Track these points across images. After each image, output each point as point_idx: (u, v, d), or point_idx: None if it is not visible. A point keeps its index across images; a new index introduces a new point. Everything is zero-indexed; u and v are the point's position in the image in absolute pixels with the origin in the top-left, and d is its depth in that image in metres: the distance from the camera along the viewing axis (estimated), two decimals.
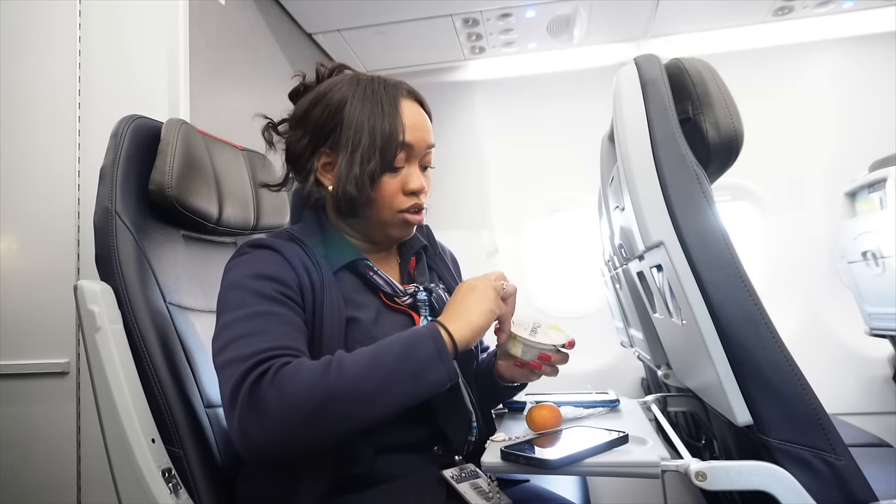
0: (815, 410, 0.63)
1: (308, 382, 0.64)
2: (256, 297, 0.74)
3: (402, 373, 0.67)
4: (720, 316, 0.66)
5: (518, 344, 0.82)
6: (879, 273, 1.63)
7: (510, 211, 2.49)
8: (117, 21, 1.32)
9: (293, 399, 0.64)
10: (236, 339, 0.70)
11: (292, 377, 0.65)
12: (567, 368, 0.88)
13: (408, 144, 0.82)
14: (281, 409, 0.63)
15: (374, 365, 0.67)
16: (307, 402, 0.64)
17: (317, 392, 0.64)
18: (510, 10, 1.94)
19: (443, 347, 0.69)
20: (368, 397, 0.66)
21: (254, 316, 0.72)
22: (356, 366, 0.67)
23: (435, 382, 0.69)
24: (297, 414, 0.64)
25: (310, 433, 0.65)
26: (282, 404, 0.63)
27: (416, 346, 0.69)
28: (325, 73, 0.91)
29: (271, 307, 0.73)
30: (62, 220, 1.30)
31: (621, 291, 1.38)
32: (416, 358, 0.68)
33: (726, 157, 0.74)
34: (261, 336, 0.69)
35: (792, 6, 1.99)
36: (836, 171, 2.09)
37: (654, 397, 1.13)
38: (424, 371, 0.68)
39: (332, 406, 0.64)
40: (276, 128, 0.92)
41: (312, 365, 0.67)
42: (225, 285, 0.78)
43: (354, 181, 0.80)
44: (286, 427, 0.64)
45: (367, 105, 0.81)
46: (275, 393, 0.64)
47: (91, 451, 1.25)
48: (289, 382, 0.64)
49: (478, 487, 0.78)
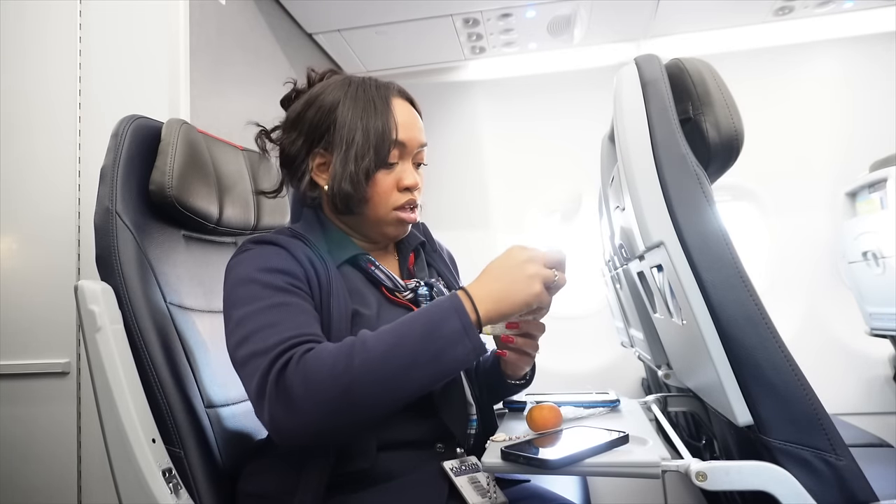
0: (816, 410, 0.63)
1: (332, 368, 0.64)
2: (269, 289, 0.74)
3: (427, 352, 0.65)
4: (720, 316, 0.66)
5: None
6: (880, 273, 1.63)
7: (510, 210, 2.49)
8: (117, 21, 1.32)
9: (319, 386, 0.63)
10: (255, 332, 0.69)
11: (316, 364, 0.64)
12: (567, 368, 0.88)
13: (400, 142, 0.83)
14: (308, 398, 0.63)
15: (398, 344, 0.66)
16: (333, 388, 0.63)
17: (341, 377, 0.63)
18: (510, 10, 1.94)
19: (468, 323, 0.67)
20: (393, 379, 0.65)
21: (269, 308, 0.72)
22: (379, 347, 0.65)
23: (461, 360, 0.67)
24: (324, 401, 0.63)
25: (339, 418, 0.65)
26: (308, 393, 0.63)
27: (440, 323, 0.66)
28: (316, 77, 0.92)
29: (285, 298, 0.73)
30: (62, 220, 1.30)
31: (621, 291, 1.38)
32: (441, 335, 0.66)
33: (727, 158, 0.74)
34: (280, 326, 0.69)
35: (792, 6, 1.99)
36: (836, 171, 2.09)
37: (655, 397, 1.13)
38: (449, 348, 0.66)
39: (358, 390, 0.63)
40: (269, 135, 0.92)
41: (335, 349, 0.66)
42: (232, 281, 0.77)
43: (349, 178, 0.81)
44: (315, 414, 0.64)
45: (359, 104, 0.83)
46: (300, 381, 0.63)
47: (91, 451, 1.25)
48: (313, 369, 0.64)
49: (476, 482, 0.78)
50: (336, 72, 0.93)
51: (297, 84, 0.93)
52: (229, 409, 0.97)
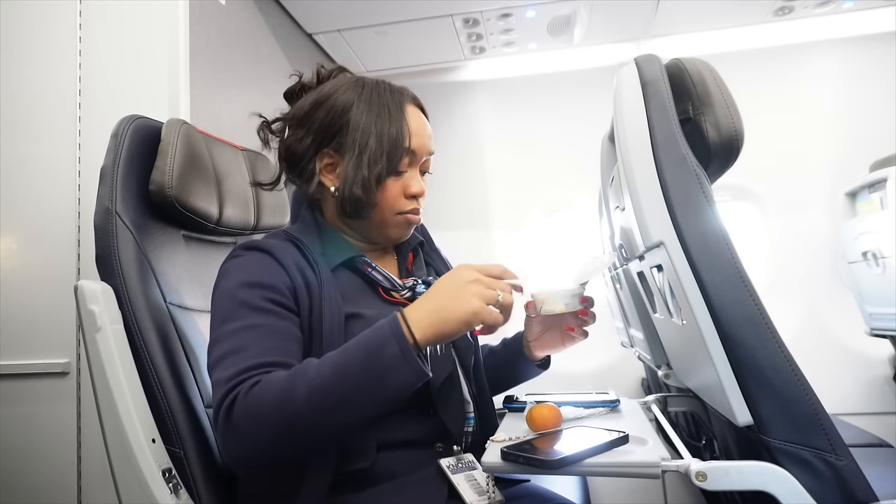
0: (816, 410, 0.63)
1: (276, 401, 0.66)
2: (245, 308, 0.74)
3: (367, 380, 0.66)
4: (720, 316, 0.66)
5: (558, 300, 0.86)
6: (880, 273, 1.63)
7: (510, 211, 2.49)
8: (117, 21, 1.32)
9: (261, 420, 0.66)
10: (223, 357, 0.71)
11: (260, 398, 0.66)
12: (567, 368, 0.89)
13: (412, 150, 0.84)
14: (253, 433, 0.66)
15: (338, 374, 0.66)
16: (276, 421, 0.66)
17: (284, 410, 0.65)
18: (510, 10, 1.94)
19: (407, 348, 0.66)
20: (334, 409, 0.66)
21: (240, 330, 0.73)
22: (320, 377, 0.66)
23: (402, 384, 0.67)
24: (269, 434, 0.66)
25: (283, 448, 0.68)
26: (253, 427, 0.66)
27: (379, 350, 0.66)
28: (325, 74, 0.91)
29: (257, 319, 0.74)
30: (62, 220, 1.30)
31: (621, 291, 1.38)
32: (380, 363, 0.66)
33: (727, 158, 0.74)
34: (244, 353, 0.71)
35: (792, 6, 1.99)
36: (836, 171, 2.09)
37: (655, 397, 1.13)
38: (389, 374, 0.66)
39: (300, 422, 0.66)
40: (271, 126, 0.92)
41: (279, 381, 0.67)
42: (217, 292, 0.79)
43: (361, 183, 0.81)
44: (262, 446, 0.67)
45: (374, 108, 0.83)
46: (245, 416, 0.66)
47: (91, 451, 1.25)
48: (257, 403, 0.66)
49: (472, 480, 0.78)
50: (345, 70, 0.93)
51: (303, 78, 0.92)
52: None
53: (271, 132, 0.92)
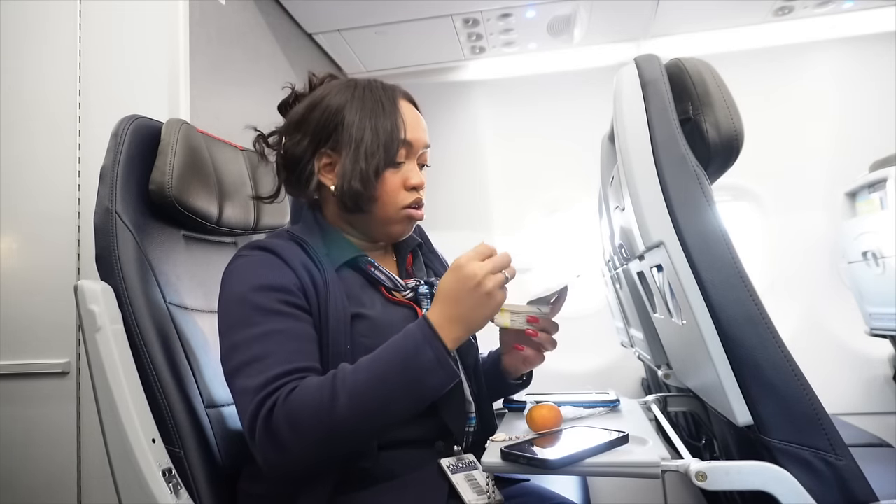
0: (816, 410, 0.63)
1: (316, 409, 0.67)
2: (260, 313, 0.75)
3: (405, 384, 0.69)
4: (720, 316, 0.66)
5: (506, 314, 0.83)
6: (880, 273, 1.63)
7: (510, 211, 2.49)
8: (117, 21, 1.32)
9: (305, 428, 0.67)
10: (246, 365, 0.72)
11: (301, 405, 0.67)
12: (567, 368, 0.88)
13: (408, 142, 0.85)
14: (296, 440, 0.67)
15: (377, 378, 0.69)
16: (319, 428, 0.67)
17: (326, 416, 0.67)
18: (510, 10, 1.94)
19: (441, 354, 0.70)
20: (375, 413, 0.69)
21: (260, 337, 0.73)
22: (359, 383, 0.69)
23: (437, 388, 0.71)
24: (311, 441, 0.67)
25: (326, 453, 0.70)
26: (296, 435, 0.67)
27: (415, 356, 0.70)
28: (317, 81, 0.92)
29: (276, 324, 0.74)
30: (62, 220, 1.29)
31: (621, 291, 1.38)
32: (418, 368, 0.69)
33: (727, 157, 0.74)
34: (269, 359, 0.71)
35: (792, 6, 1.99)
36: (836, 171, 2.09)
37: (655, 397, 1.13)
38: (425, 378, 0.70)
39: (343, 427, 0.67)
40: (267, 140, 0.93)
41: (318, 387, 0.69)
42: (226, 296, 0.79)
43: (359, 176, 0.82)
44: (304, 453, 0.68)
45: (367, 104, 0.84)
46: (287, 425, 0.67)
47: (91, 451, 1.25)
48: (298, 412, 0.67)
49: (472, 480, 0.78)
50: (336, 76, 0.94)
51: (296, 88, 0.93)
52: (229, 409, 0.97)
53: (267, 145, 0.93)
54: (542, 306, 0.85)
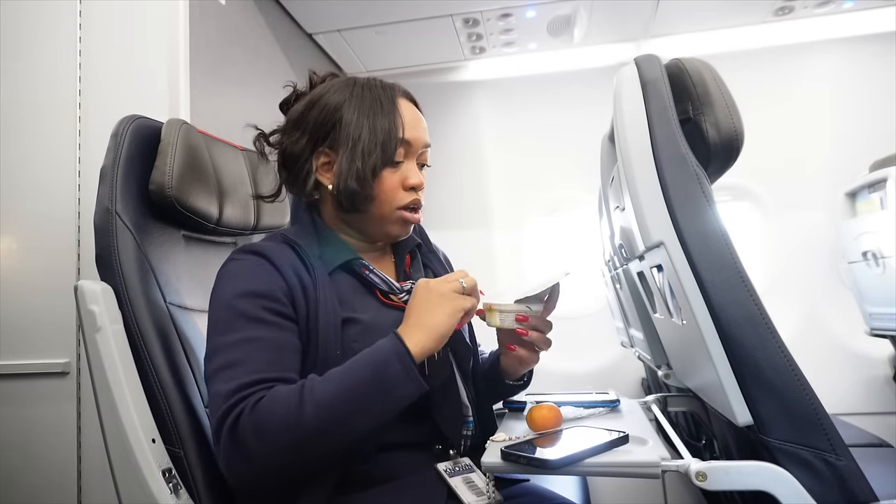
0: (816, 410, 0.63)
1: (284, 418, 0.66)
2: (243, 319, 0.74)
3: (373, 397, 0.69)
4: (720, 316, 0.66)
5: (495, 313, 0.83)
6: (880, 273, 1.63)
7: (510, 211, 2.49)
8: (117, 21, 1.32)
9: (272, 438, 0.66)
10: (221, 369, 0.71)
11: (267, 414, 0.67)
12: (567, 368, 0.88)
13: (407, 141, 0.84)
14: (261, 450, 0.66)
15: (345, 390, 0.69)
16: (285, 438, 0.66)
17: (292, 426, 0.66)
18: (510, 10, 1.94)
19: (409, 365, 0.71)
20: (342, 424, 0.68)
21: (239, 342, 0.73)
22: (327, 394, 0.68)
23: (405, 398, 0.71)
24: (277, 452, 0.67)
25: (290, 464, 0.69)
26: (261, 445, 0.66)
27: (383, 368, 0.70)
28: (317, 79, 0.92)
29: (256, 331, 0.74)
30: (62, 220, 1.29)
31: (621, 291, 1.38)
32: (385, 379, 0.70)
33: (727, 158, 0.74)
34: (242, 367, 0.71)
35: (792, 6, 1.99)
36: (836, 171, 2.09)
37: (655, 397, 1.13)
38: (393, 389, 0.70)
39: (308, 438, 0.67)
40: (268, 138, 0.92)
41: (285, 397, 0.68)
42: (214, 300, 0.78)
43: (356, 175, 0.81)
44: (269, 465, 0.67)
45: (365, 103, 0.84)
46: (252, 433, 0.66)
47: (91, 451, 1.25)
48: (265, 421, 0.66)
49: (470, 482, 0.78)
50: (337, 74, 0.93)
51: (297, 87, 0.93)
52: None
53: (268, 143, 0.92)
54: (533, 304, 0.84)
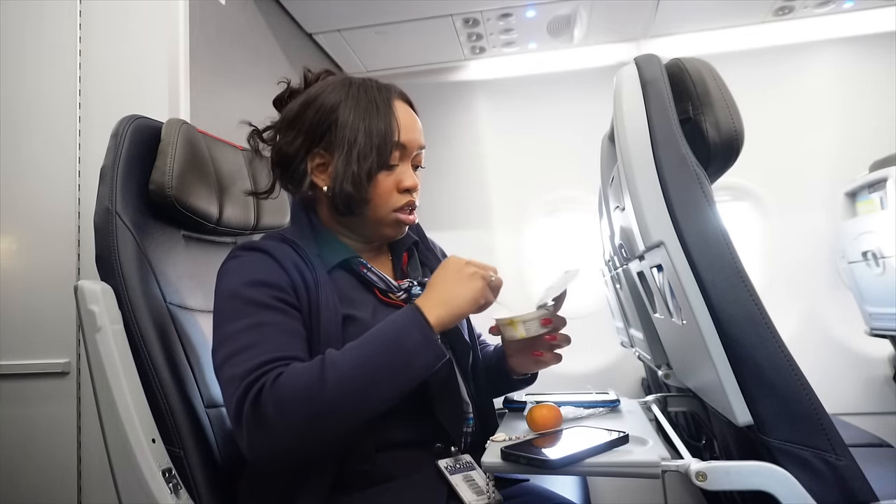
0: (816, 410, 0.63)
1: (304, 391, 0.66)
2: (252, 306, 0.74)
3: (393, 365, 0.69)
4: (720, 316, 0.66)
5: (518, 324, 0.82)
6: (880, 273, 1.63)
7: (510, 211, 2.49)
8: (117, 21, 1.32)
9: (292, 409, 0.66)
10: (235, 354, 0.71)
11: (288, 387, 0.66)
12: (567, 368, 0.88)
13: (402, 144, 0.84)
14: (283, 423, 0.66)
15: (365, 362, 0.69)
16: (307, 410, 0.66)
17: (314, 398, 0.66)
18: (510, 10, 1.94)
19: (429, 334, 0.71)
20: (364, 394, 0.68)
21: (250, 327, 0.73)
22: (347, 366, 0.68)
23: (425, 367, 0.71)
24: (299, 424, 0.66)
25: (313, 437, 0.67)
26: (283, 418, 0.65)
27: (402, 338, 0.70)
28: (312, 77, 0.92)
29: (266, 316, 0.74)
30: (62, 220, 1.29)
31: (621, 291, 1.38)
32: (404, 349, 0.70)
33: (727, 157, 0.74)
34: (257, 348, 0.71)
35: (792, 6, 1.99)
36: (836, 171, 2.09)
37: (655, 397, 1.13)
38: (413, 359, 0.70)
39: (331, 409, 0.66)
40: (261, 135, 0.92)
41: (306, 370, 0.68)
42: (219, 293, 0.78)
43: (351, 178, 0.81)
44: (292, 438, 0.66)
45: (361, 105, 0.83)
46: (273, 405, 0.66)
47: (91, 451, 1.25)
48: (286, 393, 0.66)
49: (471, 480, 0.78)
50: (332, 72, 0.93)
51: (291, 84, 0.93)
52: None
53: (262, 140, 0.92)
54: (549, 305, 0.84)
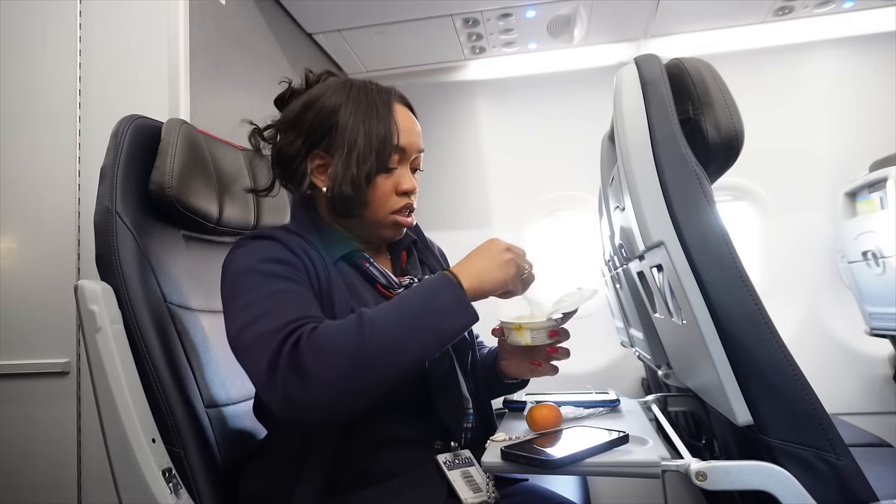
0: (816, 410, 0.63)
1: (343, 338, 0.66)
2: (271, 277, 0.74)
3: (427, 323, 0.69)
4: (720, 316, 0.66)
5: (525, 331, 0.82)
6: (880, 273, 1.63)
7: (510, 211, 2.49)
8: (117, 21, 1.32)
9: (332, 357, 0.65)
10: (260, 317, 0.70)
11: (328, 338, 0.66)
12: (567, 368, 0.88)
13: (401, 147, 0.84)
14: (322, 368, 0.64)
15: (400, 317, 0.69)
16: (346, 357, 0.65)
17: (353, 346, 0.65)
18: (510, 10, 1.94)
19: (461, 295, 0.72)
20: (401, 345, 0.67)
21: (271, 295, 0.72)
22: (384, 320, 0.68)
23: (458, 327, 0.71)
24: (337, 369, 0.64)
25: (353, 387, 0.65)
26: (322, 363, 0.64)
27: (435, 298, 0.71)
28: (313, 78, 0.92)
29: (286, 285, 0.74)
30: (62, 220, 1.29)
31: (621, 291, 1.38)
32: (438, 307, 0.70)
33: (727, 157, 0.74)
34: (285, 310, 0.70)
35: (792, 6, 1.99)
36: (836, 171, 2.09)
37: (655, 397, 1.13)
38: (447, 318, 0.70)
39: (369, 357, 0.65)
40: (262, 133, 0.93)
41: (342, 323, 0.68)
42: (232, 273, 0.78)
43: (351, 181, 0.82)
44: (330, 384, 0.64)
45: (361, 108, 0.84)
46: (313, 353, 0.65)
47: (91, 451, 1.25)
48: (325, 342, 0.66)
49: (468, 477, 0.78)
50: (334, 73, 0.94)
51: (293, 84, 0.93)
52: (229, 409, 0.97)
53: (263, 139, 0.93)
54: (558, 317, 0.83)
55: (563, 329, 0.84)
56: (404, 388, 0.80)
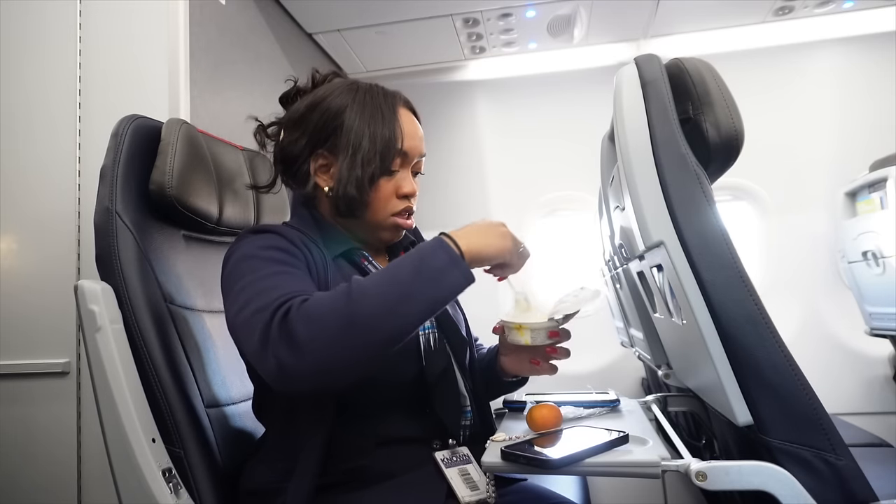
0: (816, 410, 0.63)
1: (332, 305, 0.65)
2: (270, 262, 0.75)
3: (420, 283, 0.67)
4: (720, 316, 0.66)
5: (525, 330, 0.82)
6: (880, 273, 1.63)
7: (510, 210, 2.49)
8: (117, 21, 1.32)
9: (320, 322, 0.64)
10: (256, 296, 0.70)
11: (316, 305, 0.66)
12: (567, 368, 0.88)
13: (404, 151, 0.85)
14: (311, 333, 0.64)
15: (391, 280, 0.67)
16: (334, 321, 0.64)
17: (342, 311, 0.64)
18: (510, 10, 1.94)
19: (455, 256, 0.70)
20: (392, 308, 0.65)
21: (269, 275, 0.73)
22: (374, 284, 0.67)
23: (453, 287, 0.69)
24: (326, 334, 0.64)
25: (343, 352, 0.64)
26: (311, 328, 0.64)
27: (428, 259, 0.69)
28: (319, 78, 0.93)
29: (284, 268, 0.75)
30: (62, 220, 1.29)
31: (621, 291, 1.38)
32: (431, 266, 0.68)
33: (727, 157, 0.74)
34: (279, 288, 0.70)
35: (792, 6, 1.99)
36: (836, 171, 2.09)
37: (655, 397, 1.13)
38: (441, 277, 0.68)
39: (358, 320, 0.64)
40: (266, 130, 0.93)
41: (331, 292, 0.68)
42: (233, 261, 0.78)
43: (355, 182, 0.82)
44: (319, 350, 0.64)
45: (367, 111, 0.84)
46: (303, 321, 0.64)
47: (91, 451, 1.25)
48: (314, 309, 0.65)
49: (466, 474, 0.78)
50: (339, 74, 0.94)
51: (298, 82, 0.94)
52: (229, 409, 0.97)
53: (267, 136, 0.93)
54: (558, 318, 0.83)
55: (563, 330, 0.84)
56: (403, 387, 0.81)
